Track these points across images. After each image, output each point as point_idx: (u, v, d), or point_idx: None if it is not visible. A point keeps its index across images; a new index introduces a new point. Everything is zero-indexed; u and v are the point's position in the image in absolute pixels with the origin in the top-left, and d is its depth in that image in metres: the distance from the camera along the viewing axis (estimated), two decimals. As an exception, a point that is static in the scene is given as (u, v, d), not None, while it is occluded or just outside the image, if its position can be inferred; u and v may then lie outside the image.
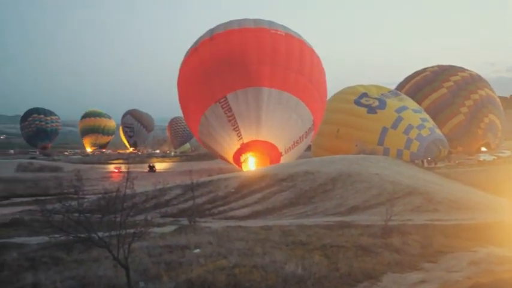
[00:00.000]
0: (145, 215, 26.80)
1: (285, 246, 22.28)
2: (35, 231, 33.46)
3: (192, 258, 19.87)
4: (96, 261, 20.07)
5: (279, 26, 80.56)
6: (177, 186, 55.90)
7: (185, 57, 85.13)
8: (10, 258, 21.27)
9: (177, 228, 31.35)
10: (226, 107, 76.66)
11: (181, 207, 48.18)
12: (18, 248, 24.35)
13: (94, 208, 22.23)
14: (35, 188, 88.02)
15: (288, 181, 51.03)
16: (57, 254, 21.80)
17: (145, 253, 20.99)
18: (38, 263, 20.58)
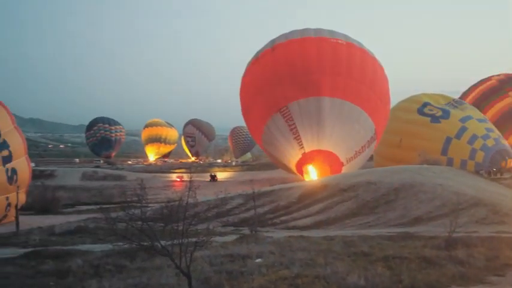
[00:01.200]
0: (207, 224, 26.91)
1: (347, 257, 22.06)
2: (99, 238, 34.05)
3: (253, 267, 19.84)
4: (159, 269, 20.24)
5: (340, 35, 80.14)
6: (239, 196, 56.01)
7: (247, 67, 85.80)
8: (75, 265, 21.65)
9: (238, 237, 31.41)
10: (288, 116, 76.65)
11: (243, 217, 48.29)
12: (83, 255, 24.78)
13: (157, 217, 22.41)
14: (99, 196, 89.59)
15: (349, 191, 50.57)
16: (121, 261, 22.10)
17: (207, 262, 21.07)
18: (102, 270, 20.88)
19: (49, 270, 21.40)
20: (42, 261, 23.72)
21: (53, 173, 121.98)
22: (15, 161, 49.87)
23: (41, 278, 20.24)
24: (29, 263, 23.60)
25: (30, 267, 22.35)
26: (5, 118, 51.31)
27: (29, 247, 31.10)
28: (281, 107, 77.00)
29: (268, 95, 78.52)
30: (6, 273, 21.10)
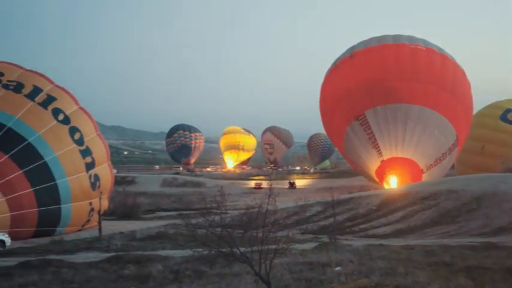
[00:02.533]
0: (286, 231, 26.89)
1: (428, 266, 21.62)
2: (179, 244, 34.50)
3: (333, 276, 19.68)
4: (238, 276, 20.32)
5: (419, 41, 78.91)
6: (318, 203, 55.89)
7: (326, 75, 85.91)
8: (155, 270, 21.99)
9: (317, 245, 31.26)
10: (365, 124, 76.11)
11: (322, 224, 48.12)
12: (163, 260, 25.15)
13: (236, 223, 22.57)
14: (179, 202, 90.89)
15: (430, 199, 49.70)
16: (200, 267, 22.31)
17: (286, 269, 21.01)
18: (181, 276, 21.12)
19: (130, 275, 21.81)
20: (123, 266, 24.21)
21: (134, 180, 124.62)
22: (98, 167, 51.08)
23: (123, 282, 20.64)
24: (111, 267, 24.11)
25: (112, 272, 22.82)
26: (89, 125, 52.67)
27: (111, 252, 31.80)
28: (359, 115, 76.53)
29: (346, 103, 78.25)
30: (89, 276, 21.62)
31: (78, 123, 50.87)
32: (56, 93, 51.41)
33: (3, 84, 49.27)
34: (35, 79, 51.73)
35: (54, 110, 49.64)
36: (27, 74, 52.31)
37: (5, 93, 48.61)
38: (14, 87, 49.43)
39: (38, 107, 49.01)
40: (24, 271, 23.18)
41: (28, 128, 47.01)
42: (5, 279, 21.54)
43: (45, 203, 45.68)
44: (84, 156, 49.81)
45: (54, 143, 47.83)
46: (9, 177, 44.17)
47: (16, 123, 46.72)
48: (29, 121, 47.49)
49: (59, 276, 22.07)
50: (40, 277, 21.71)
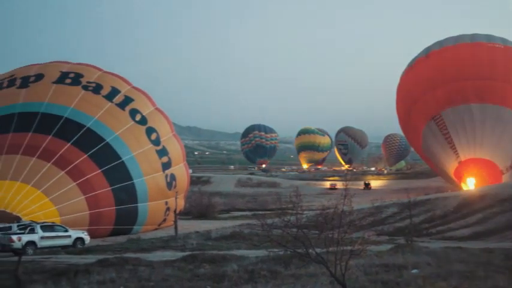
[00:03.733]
0: (362, 233, 26.55)
1: (508, 270, 20.89)
2: (254, 244, 34.49)
3: (409, 278, 19.27)
4: (313, 277, 20.12)
5: (497, 39, 76.83)
6: (394, 204, 55.10)
7: (402, 76, 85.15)
8: (231, 270, 21.98)
9: (393, 247, 30.75)
10: (441, 124, 74.80)
11: (398, 226, 47.38)
12: (238, 260, 25.15)
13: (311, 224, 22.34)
14: (254, 202, 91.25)
15: (510, 201, 48.19)
16: (275, 267, 22.19)
17: (361, 271, 20.71)
18: (256, 276, 21.04)
19: (206, 274, 21.87)
20: (199, 265, 24.32)
21: (209, 180, 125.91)
22: (174, 167, 51.72)
23: (198, 281, 20.71)
24: (186, 266, 24.26)
25: (188, 271, 22.95)
26: (165, 126, 53.41)
27: (186, 251, 32.07)
28: (435, 115, 75.29)
29: (422, 103, 77.22)
30: (166, 275, 21.79)
31: (154, 123, 51.68)
32: (133, 95, 52.39)
33: (83, 86, 50.52)
34: (113, 80, 52.86)
35: (131, 110, 50.58)
36: (106, 76, 53.50)
37: (85, 94, 49.84)
38: (93, 89, 50.62)
39: (115, 107, 50.05)
40: (102, 268, 23.55)
41: (106, 128, 48.05)
42: (84, 276, 21.94)
43: (123, 202, 46.57)
44: (161, 156, 50.52)
45: (132, 143, 48.73)
46: (88, 176, 45.22)
47: (95, 123, 47.83)
48: (107, 121, 48.55)
49: (136, 274, 22.33)
50: (117, 275, 22.01)
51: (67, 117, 47.61)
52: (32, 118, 47.29)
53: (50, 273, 22.91)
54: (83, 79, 51.26)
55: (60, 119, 47.35)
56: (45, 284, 20.58)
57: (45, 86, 50.20)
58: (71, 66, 54.02)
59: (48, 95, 49.19)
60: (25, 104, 48.57)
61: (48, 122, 47.04)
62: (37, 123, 46.94)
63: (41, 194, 42.99)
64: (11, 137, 46.08)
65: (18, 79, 51.60)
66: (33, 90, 50.09)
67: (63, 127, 46.96)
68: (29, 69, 53.70)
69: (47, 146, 45.61)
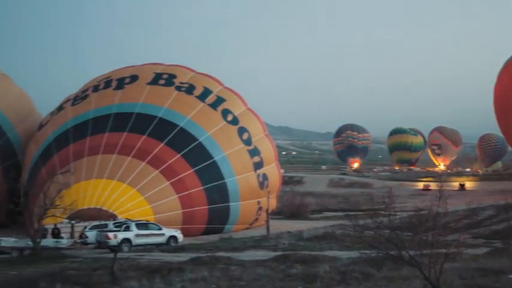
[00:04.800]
0: (457, 235, 25.77)
1: None
2: (346, 245, 34.13)
3: (508, 284, 18.55)
4: (406, 280, 19.69)
5: None
6: (490, 207, 53.44)
7: (498, 75, 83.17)
8: (322, 271, 21.80)
9: (490, 250, 29.77)
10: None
11: (495, 229, 45.88)
12: (330, 261, 24.93)
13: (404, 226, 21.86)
14: (346, 203, 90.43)
15: None
16: (368, 269, 21.84)
17: (456, 275, 20.11)
18: (348, 278, 20.77)
19: (297, 274, 21.78)
20: (291, 265, 24.24)
21: (301, 180, 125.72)
22: (266, 167, 51.80)
23: (290, 282, 20.64)
24: (278, 266, 24.23)
25: (279, 271, 22.92)
26: (257, 126, 53.61)
27: (278, 250, 32.03)
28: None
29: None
30: (257, 274, 21.83)
31: (246, 123, 51.94)
32: (225, 95, 52.86)
33: (176, 86, 51.42)
34: (205, 81, 53.51)
35: (223, 111, 51.03)
36: (198, 77, 54.25)
37: (178, 95, 50.72)
38: (186, 89, 51.43)
39: (208, 108, 50.63)
40: (194, 267, 23.84)
41: (199, 128, 48.68)
42: (177, 274, 22.25)
43: (215, 201, 47.01)
44: (252, 155, 50.71)
45: (224, 143, 49.15)
46: (181, 176, 45.93)
47: (188, 123, 48.56)
48: (199, 121, 49.19)
49: (228, 273, 22.48)
50: (210, 273, 22.23)
51: (161, 117, 48.60)
52: (127, 118, 48.55)
53: (144, 271, 23.36)
54: (176, 80, 52.16)
55: (154, 119, 48.37)
56: (140, 280, 20.98)
57: (139, 87, 51.43)
58: (164, 67, 55.10)
59: (142, 95, 50.37)
60: (121, 105, 49.91)
61: (142, 122, 48.16)
62: (132, 123, 48.14)
63: (136, 193, 44.01)
64: (107, 137, 47.44)
65: (114, 81, 53.11)
66: (128, 91, 51.45)
67: (157, 127, 47.96)
68: (124, 71, 55.20)
69: (141, 145, 46.68)
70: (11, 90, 58.79)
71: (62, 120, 51.56)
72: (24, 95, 60.97)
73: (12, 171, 46.66)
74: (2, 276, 25.70)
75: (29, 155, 51.82)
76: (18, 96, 59.06)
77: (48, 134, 51.13)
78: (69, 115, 51.52)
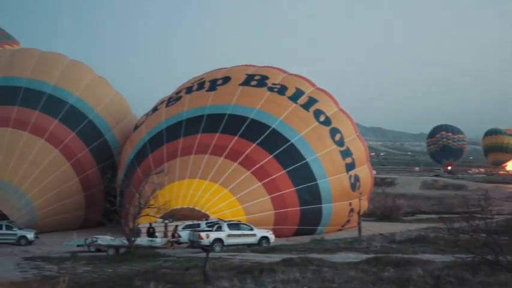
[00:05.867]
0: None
1: None
2: (439, 249, 33.39)
3: None
4: (504, 286, 19.09)
5: None
6: None
7: None
8: (415, 274, 21.41)
9: None
10: None
11: None
12: (424, 264, 24.43)
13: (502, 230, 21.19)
14: (439, 205, 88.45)
15: None
16: (463, 274, 21.30)
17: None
18: (443, 282, 20.33)
19: (390, 278, 21.48)
20: (383, 268, 23.92)
21: (393, 181, 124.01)
22: (357, 168, 51.42)
23: (382, 285, 20.40)
24: (370, 268, 23.95)
25: (371, 273, 22.66)
26: (349, 127, 53.31)
27: (370, 253, 31.69)
28: None
29: None
30: (349, 277, 21.67)
31: (338, 124, 51.73)
32: (317, 95, 52.81)
33: (268, 87, 51.76)
34: (297, 82, 53.63)
35: (315, 111, 50.99)
36: (290, 77, 54.42)
37: (270, 95, 51.04)
38: (278, 90, 51.69)
39: (300, 108, 50.72)
40: (286, 268, 23.86)
41: (291, 129, 48.85)
42: (269, 274, 22.35)
43: (307, 202, 47.03)
44: (345, 157, 50.44)
45: (316, 143, 49.11)
46: (273, 176, 46.21)
47: (280, 124, 48.81)
48: (292, 122, 49.36)
49: (320, 274, 22.40)
50: (301, 275, 22.20)
51: (253, 118, 49.05)
52: (220, 119, 49.28)
53: (236, 271, 23.57)
54: (268, 81, 52.50)
55: (246, 120, 48.89)
56: (231, 280, 21.20)
57: (232, 88, 52.08)
58: (256, 69, 55.53)
59: (234, 97, 51.00)
60: (213, 106, 50.70)
61: (234, 123, 48.77)
62: (224, 124, 48.84)
63: (228, 193, 44.59)
64: (200, 138, 48.32)
65: (207, 82, 53.99)
66: (220, 92, 52.19)
67: (249, 128, 48.46)
68: (217, 72, 56.03)
69: (233, 146, 47.27)
70: (107, 92, 60.79)
71: (156, 121, 52.89)
72: (120, 97, 62.83)
73: (108, 171, 48.08)
74: (98, 273, 26.58)
75: (124, 155, 53.47)
76: (114, 99, 60.97)
77: (143, 134, 52.57)
78: (163, 116, 52.78)
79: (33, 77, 55.77)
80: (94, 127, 56.11)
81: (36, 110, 53.69)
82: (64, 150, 53.08)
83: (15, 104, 53.48)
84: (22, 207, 49.01)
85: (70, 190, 52.40)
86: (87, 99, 57.07)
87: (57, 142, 53.03)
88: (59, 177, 51.86)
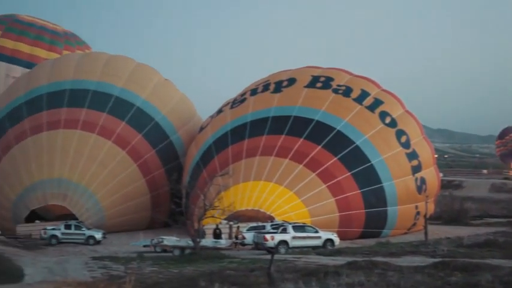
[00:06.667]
0: None
1: None
2: (509, 254, 32.68)
3: None
4: None
5: None
6: None
7: None
8: (484, 280, 21.00)
9: None
10: None
11: None
12: (492, 270, 23.94)
13: None
14: (509, 209, 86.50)
15: None
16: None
17: None
18: (511, 287, 19.92)
19: (457, 283, 21.13)
20: (450, 273, 23.54)
21: (461, 184, 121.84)
22: (424, 171, 50.71)
23: (449, 290, 20.10)
24: (437, 273, 23.60)
25: (438, 278, 22.33)
26: (415, 128, 52.62)
27: (437, 257, 31.22)
28: None
29: None
30: (415, 281, 21.39)
31: (404, 126, 51.14)
32: (383, 97, 52.31)
33: (333, 89, 51.58)
34: (362, 83, 53.25)
35: (381, 113, 50.54)
36: (356, 79, 54.08)
37: (335, 97, 50.87)
38: (343, 92, 51.45)
39: (365, 110, 50.37)
40: (351, 271, 23.72)
41: (356, 131, 48.58)
42: (334, 277, 22.26)
43: (372, 205, 46.69)
44: (411, 159, 49.84)
45: (381, 146, 48.70)
46: (338, 179, 46.09)
47: (345, 126, 48.60)
48: (356, 124, 49.08)
49: (385, 278, 22.17)
50: (366, 278, 22.03)
51: (318, 120, 49.01)
52: (285, 121, 49.42)
53: (301, 273, 23.59)
54: (333, 83, 52.31)
55: (311, 122, 48.86)
56: (296, 283, 21.20)
57: (297, 90, 52.10)
58: (321, 70, 55.37)
59: (300, 98, 51.02)
60: (279, 108, 50.83)
61: (300, 125, 48.84)
62: (289, 126, 48.95)
63: (293, 195, 44.68)
64: (265, 139, 48.54)
65: (272, 84, 54.14)
66: (286, 94, 52.27)
67: (314, 130, 48.45)
68: (282, 74, 56.11)
69: (298, 148, 47.31)
70: (173, 95, 61.61)
71: (221, 123, 53.35)
72: (186, 99, 63.52)
73: (174, 173, 48.68)
74: (164, 274, 27.01)
75: (190, 157, 54.11)
76: (180, 101, 61.73)
77: (208, 136, 53.10)
78: (228, 118, 53.21)
79: (101, 80, 57.12)
80: (160, 129, 56.99)
81: (104, 112, 55.01)
82: (131, 152, 54.15)
83: (84, 106, 54.93)
84: (91, 207, 50.30)
85: (137, 191, 53.44)
86: (154, 101, 58.02)
87: (124, 144, 54.14)
88: (126, 178, 52.97)
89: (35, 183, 50.47)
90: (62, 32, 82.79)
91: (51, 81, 57.10)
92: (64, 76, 57.41)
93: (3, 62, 74.27)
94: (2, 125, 55.28)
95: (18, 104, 56.16)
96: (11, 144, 53.47)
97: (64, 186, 50.33)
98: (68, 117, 54.17)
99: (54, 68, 59.41)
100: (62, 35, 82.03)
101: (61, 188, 50.25)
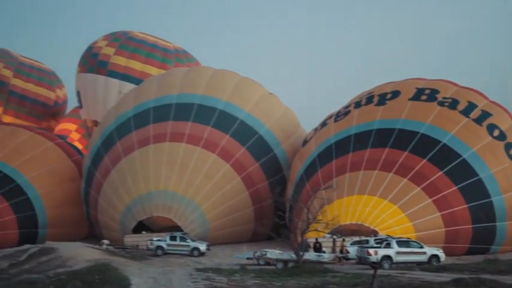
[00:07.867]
0: None
1: None
2: None
3: None
4: None
5: None
6: None
7: None
8: None
9: None
10: None
11: None
12: None
13: None
14: None
15: None
16: None
17: None
18: None
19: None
20: None
21: None
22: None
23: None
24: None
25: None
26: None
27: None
28: None
29: None
30: None
31: (514, 138, 49.40)
32: (490, 109, 50.74)
33: (439, 101, 50.50)
34: (469, 95, 51.82)
35: (489, 126, 49.07)
36: (462, 91, 52.70)
37: (440, 110, 49.77)
38: (449, 104, 50.28)
39: (472, 123, 49.05)
40: (457, 288, 23.24)
41: (463, 144, 47.38)
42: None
43: (480, 220, 45.32)
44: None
45: (490, 159, 47.27)
46: (444, 193, 45.09)
47: (451, 139, 47.52)
48: (463, 137, 47.86)
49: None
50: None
51: (423, 133, 48.16)
52: (389, 134, 48.82)
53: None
54: (438, 95, 51.20)
55: (416, 135, 48.09)
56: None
57: (401, 103, 51.35)
58: (426, 82, 54.29)
59: (404, 111, 50.27)
60: (382, 121, 50.28)
61: (404, 138, 48.15)
62: (394, 139, 48.32)
63: (397, 209, 44.11)
64: (369, 153, 48.19)
65: (376, 96, 53.59)
66: (390, 107, 51.62)
67: (419, 143, 47.66)
68: (386, 86, 55.41)
69: (403, 161, 46.68)
70: (277, 108, 61.87)
71: (325, 136, 53.24)
72: (290, 113, 63.63)
73: (277, 186, 48.87)
74: (267, 287, 27.27)
75: (294, 170, 54.28)
76: (284, 114, 61.94)
77: (312, 149, 53.13)
78: (332, 131, 53.05)
79: (206, 94, 58.30)
80: (264, 142, 57.42)
81: (208, 125, 56.03)
82: (235, 165, 54.87)
83: (189, 120, 56.16)
84: (196, 219, 51.33)
85: (240, 203, 54.09)
86: (257, 114, 58.60)
87: (228, 157, 54.93)
88: (230, 190, 53.73)
89: (142, 195, 52.04)
90: (172, 49, 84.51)
91: (158, 96, 58.83)
92: (170, 90, 59.02)
93: (116, 79, 76.73)
94: (111, 138, 57.41)
95: (126, 118, 58.18)
96: (120, 157, 55.36)
97: (170, 198, 51.63)
98: (174, 131, 55.57)
99: (161, 83, 61.18)
100: (173, 52, 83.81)
101: (167, 200, 51.57)
